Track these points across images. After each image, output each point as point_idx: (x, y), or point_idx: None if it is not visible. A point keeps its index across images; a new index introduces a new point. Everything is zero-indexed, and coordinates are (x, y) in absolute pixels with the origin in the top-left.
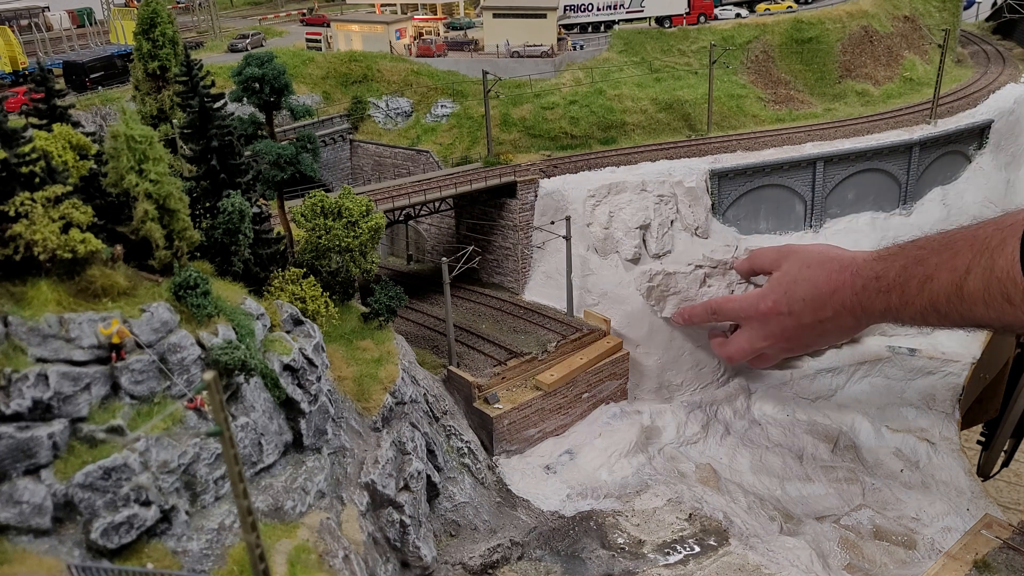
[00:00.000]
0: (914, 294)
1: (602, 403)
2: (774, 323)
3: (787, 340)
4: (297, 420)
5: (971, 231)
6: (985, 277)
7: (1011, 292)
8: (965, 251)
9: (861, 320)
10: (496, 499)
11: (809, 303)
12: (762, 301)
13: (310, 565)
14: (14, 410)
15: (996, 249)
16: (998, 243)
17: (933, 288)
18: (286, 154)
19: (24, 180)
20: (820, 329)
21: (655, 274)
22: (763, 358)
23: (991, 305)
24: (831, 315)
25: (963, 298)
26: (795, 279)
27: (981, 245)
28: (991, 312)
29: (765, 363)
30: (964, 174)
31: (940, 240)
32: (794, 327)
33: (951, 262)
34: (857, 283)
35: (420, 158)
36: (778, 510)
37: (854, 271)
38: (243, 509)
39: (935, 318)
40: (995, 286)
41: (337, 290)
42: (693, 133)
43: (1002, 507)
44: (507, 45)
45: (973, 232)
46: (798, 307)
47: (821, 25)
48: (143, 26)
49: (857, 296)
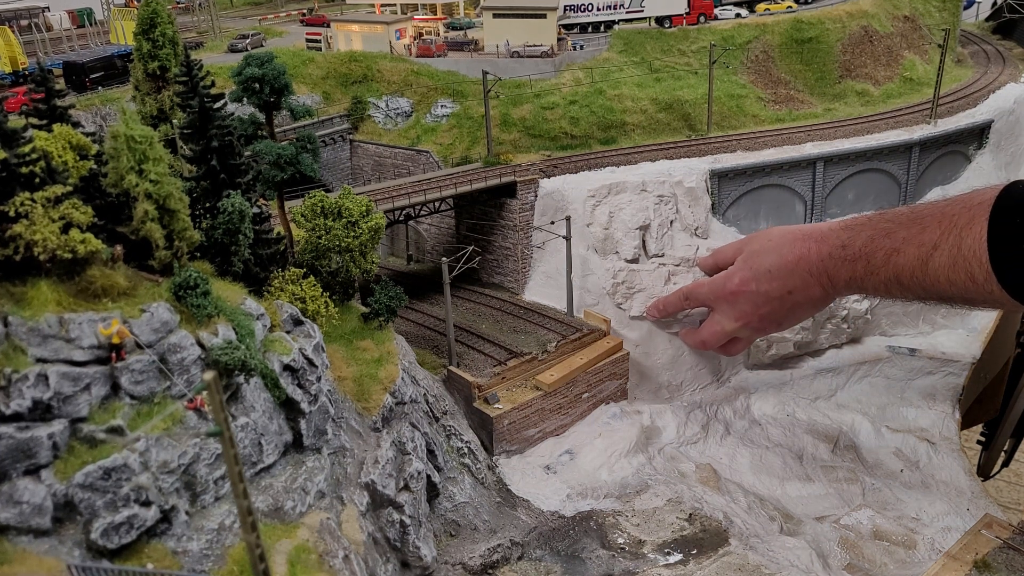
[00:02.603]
0: (879, 265)
1: (602, 403)
2: (743, 301)
3: (758, 318)
4: (297, 420)
5: (939, 207)
6: (952, 254)
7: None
8: (933, 227)
9: (828, 290)
10: (496, 499)
11: (775, 274)
12: (729, 280)
13: (310, 565)
14: (14, 410)
15: (964, 227)
16: (966, 221)
17: (899, 261)
18: (286, 154)
19: (24, 180)
20: (789, 302)
21: (619, 271)
22: (736, 342)
23: (955, 282)
24: (799, 284)
25: (927, 273)
26: (758, 253)
27: (949, 222)
28: (954, 288)
29: (738, 348)
30: (964, 174)
31: (908, 214)
32: (763, 302)
33: (918, 237)
34: (823, 250)
35: (420, 158)
36: (778, 510)
37: (819, 239)
38: (243, 509)
39: (898, 290)
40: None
41: (337, 290)
42: (693, 133)
43: (1002, 507)
44: (507, 45)
45: (942, 208)
46: (765, 280)
47: (821, 25)
48: (143, 26)
49: (823, 263)
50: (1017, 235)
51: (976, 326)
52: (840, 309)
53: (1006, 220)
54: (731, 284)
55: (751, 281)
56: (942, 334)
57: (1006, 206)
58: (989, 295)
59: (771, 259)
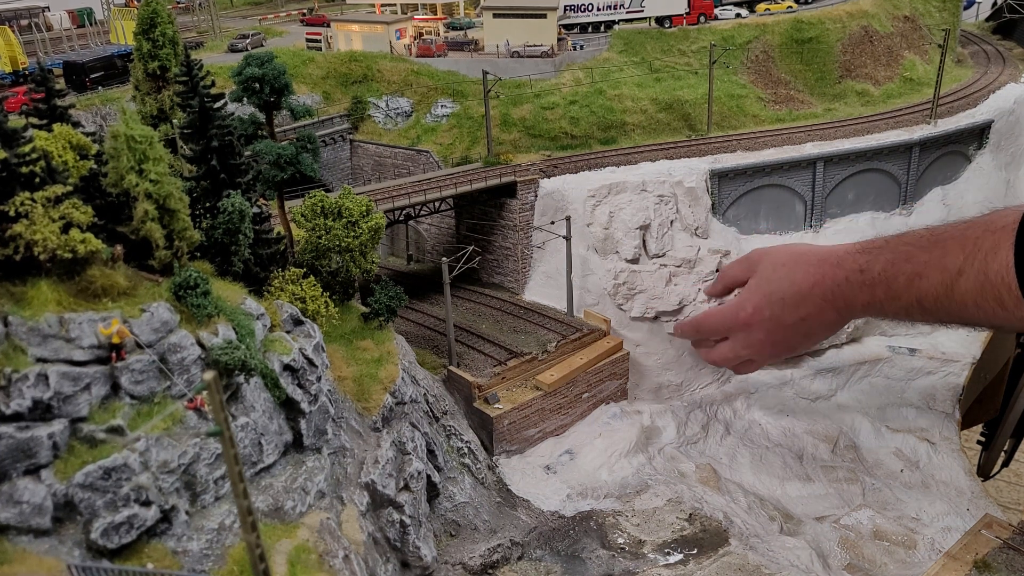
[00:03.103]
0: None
1: (602, 403)
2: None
3: (772, 345)
4: (297, 420)
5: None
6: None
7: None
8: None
9: (843, 314)
10: (496, 499)
11: (789, 301)
12: (741, 311)
13: (310, 565)
14: (14, 410)
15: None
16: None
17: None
18: (286, 154)
19: (24, 180)
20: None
21: (620, 271)
22: (748, 364)
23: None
24: (813, 310)
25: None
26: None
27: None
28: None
29: (751, 369)
30: (964, 174)
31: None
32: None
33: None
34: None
35: (420, 158)
36: (778, 510)
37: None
38: (243, 509)
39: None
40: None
41: (337, 290)
42: (693, 133)
43: (1002, 507)
44: (507, 45)
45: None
46: (778, 307)
47: (821, 25)
48: (143, 26)
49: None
50: None
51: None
52: None
53: None
54: (743, 314)
55: (765, 308)
56: (942, 334)
57: None
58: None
59: (783, 286)
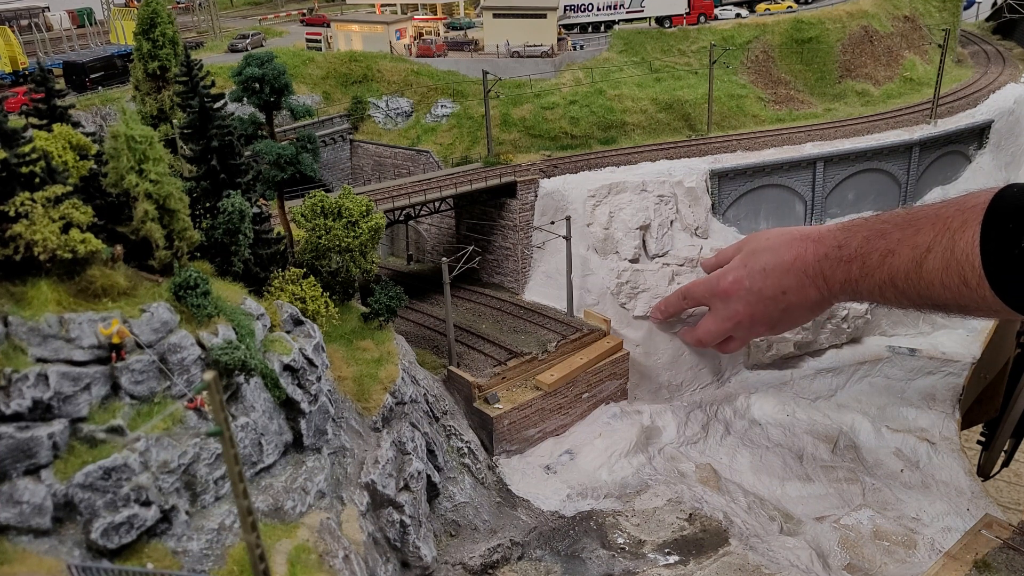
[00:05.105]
0: (875, 267)
1: (602, 403)
2: (736, 299)
3: (751, 318)
4: (297, 420)
5: (934, 209)
6: (945, 257)
7: (968, 275)
8: (927, 229)
9: (824, 293)
10: (496, 499)
11: (770, 272)
12: (723, 278)
13: (310, 565)
14: (14, 410)
15: (957, 230)
16: (959, 224)
17: (893, 263)
18: (286, 154)
19: (24, 180)
20: (783, 303)
21: (623, 271)
22: (730, 341)
23: (948, 286)
24: (793, 285)
25: (921, 276)
26: (755, 251)
27: (943, 224)
28: (948, 293)
29: (733, 346)
30: (964, 174)
31: (904, 216)
32: (756, 301)
33: (913, 238)
34: (820, 251)
35: (420, 158)
36: (778, 510)
37: (816, 239)
38: (243, 509)
39: (893, 294)
40: (954, 267)
41: (337, 290)
42: (693, 133)
43: (1002, 507)
44: (507, 45)
45: (936, 211)
46: (759, 278)
47: (821, 25)
48: (143, 26)
49: (819, 264)
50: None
51: (976, 326)
52: (840, 309)
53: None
54: (725, 282)
55: (745, 279)
56: (942, 334)
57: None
58: (982, 300)
59: (767, 257)
